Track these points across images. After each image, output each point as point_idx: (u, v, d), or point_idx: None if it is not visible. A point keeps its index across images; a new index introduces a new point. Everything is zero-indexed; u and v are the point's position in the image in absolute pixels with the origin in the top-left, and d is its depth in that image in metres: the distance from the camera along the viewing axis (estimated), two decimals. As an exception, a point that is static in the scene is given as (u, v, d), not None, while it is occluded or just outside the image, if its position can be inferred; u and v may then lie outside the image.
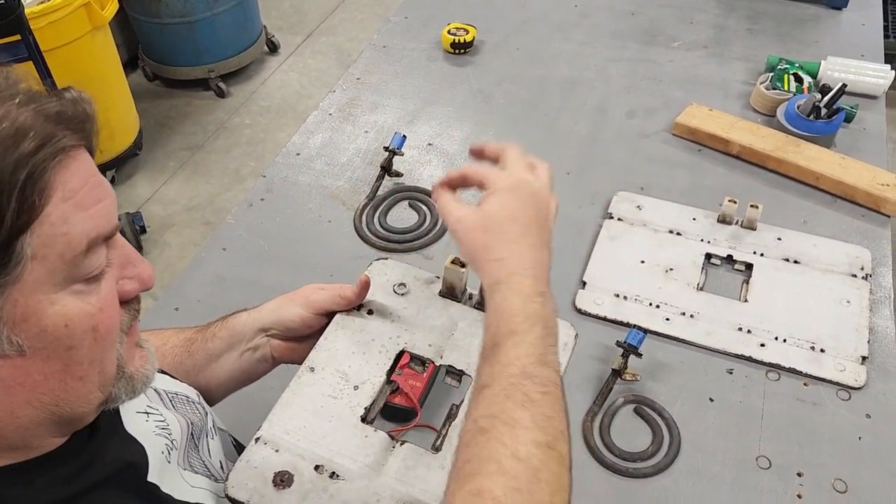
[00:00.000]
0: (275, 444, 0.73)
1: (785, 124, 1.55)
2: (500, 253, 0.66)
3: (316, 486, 0.70)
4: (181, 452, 0.68)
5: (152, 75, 3.52)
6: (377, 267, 0.91)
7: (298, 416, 0.75)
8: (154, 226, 2.87)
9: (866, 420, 1.11)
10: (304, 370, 0.79)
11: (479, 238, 0.67)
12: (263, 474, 0.70)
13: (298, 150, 1.59)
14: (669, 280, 1.29)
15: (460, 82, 1.77)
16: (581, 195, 1.47)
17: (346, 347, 0.81)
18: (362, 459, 0.72)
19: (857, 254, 1.32)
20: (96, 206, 0.50)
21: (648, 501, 1.03)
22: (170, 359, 0.85)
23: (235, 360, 0.86)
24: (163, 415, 0.67)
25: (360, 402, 0.77)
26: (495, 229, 0.67)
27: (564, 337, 0.83)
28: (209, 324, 0.88)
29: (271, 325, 0.84)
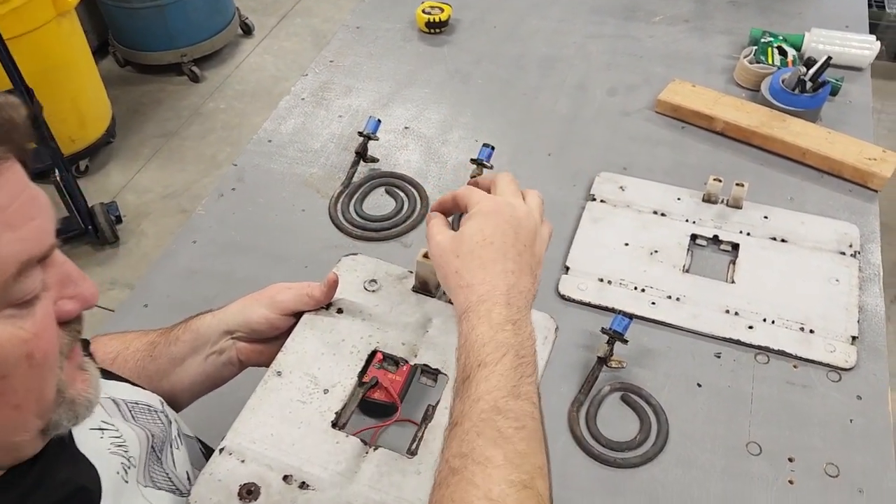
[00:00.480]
0: (240, 454, 0.69)
1: (769, 99, 1.51)
2: (471, 278, 0.64)
3: (284, 497, 0.66)
4: (141, 469, 0.63)
5: (124, 61, 3.44)
6: (346, 263, 0.87)
7: (265, 423, 0.71)
8: (130, 215, 2.81)
9: (857, 402, 1.09)
10: (271, 374, 0.75)
11: (452, 262, 0.65)
12: (228, 487, 0.67)
13: (270, 137, 1.54)
14: (654, 262, 1.25)
15: (436, 62, 1.72)
16: (562, 176, 1.43)
17: (315, 349, 0.78)
18: (333, 467, 0.69)
19: (846, 230, 1.29)
20: (28, 225, 0.46)
21: (637, 492, 1.00)
22: (132, 363, 0.81)
23: (200, 363, 0.82)
24: (119, 430, 0.63)
25: (331, 406, 0.73)
26: (467, 254, 0.65)
27: (544, 330, 0.81)
28: (172, 326, 0.84)
29: (236, 327, 0.81)
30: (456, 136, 1.53)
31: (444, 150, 1.50)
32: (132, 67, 3.46)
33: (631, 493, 1.00)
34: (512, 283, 0.64)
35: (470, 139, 1.52)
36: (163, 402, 0.74)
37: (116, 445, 0.61)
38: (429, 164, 1.47)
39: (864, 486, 1.00)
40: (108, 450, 0.60)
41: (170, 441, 0.72)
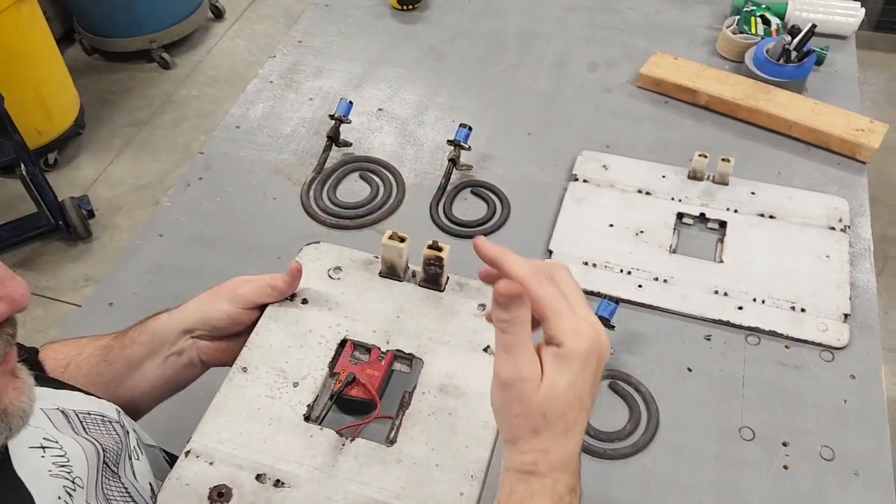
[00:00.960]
0: (208, 455, 0.66)
1: (754, 70, 1.47)
2: (550, 444, 0.53)
3: (258, 497, 0.63)
4: (91, 488, 0.58)
5: (90, 49, 3.33)
6: (309, 252, 0.83)
7: (233, 422, 0.68)
8: (102, 209, 2.73)
9: (851, 381, 1.06)
10: (236, 371, 0.72)
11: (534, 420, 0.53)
12: (197, 491, 0.63)
13: (238, 123, 1.48)
14: (640, 243, 1.21)
15: (410, 40, 1.66)
16: (543, 156, 1.38)
17: (281, 342, 0.74)
18: (309, 462, 0.66)
19: (835, 205, 1.25)
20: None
21: (628, 483, 0.97)
22: (86, 369, 0.76)
23: (159, 366, 0.77)
24: (62, 448, 0.57)
25: (302, 399, 0.70)
26: (556, 417, 0.52)
27: None
28: (127, 329, 0.78)
29: (196, 326, 0.76)
30: (432, 116, 1.48)
31: (420, 132, 1.44)
32: (100, 55, 3.36)
33: (622, 485, 0.96)
34: (580, 441, 0.55)
35: (446, 120, 1.46)
36: (119, 412, 0.69)
37: (59, 466, 0.56)
38: (404, 147, 1.41)
39: (859, 469, 0.97)
40: (48, 472, 0.55)
41: (127, 452, 0.67)
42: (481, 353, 0.74)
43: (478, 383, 0.71)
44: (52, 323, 2.38)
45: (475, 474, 0.65)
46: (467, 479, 0.65)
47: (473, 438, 0.67)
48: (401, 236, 0.77)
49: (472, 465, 0.66)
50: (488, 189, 1.32)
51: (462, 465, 0.66)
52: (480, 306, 0.77)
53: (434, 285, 0.79)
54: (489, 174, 1.35)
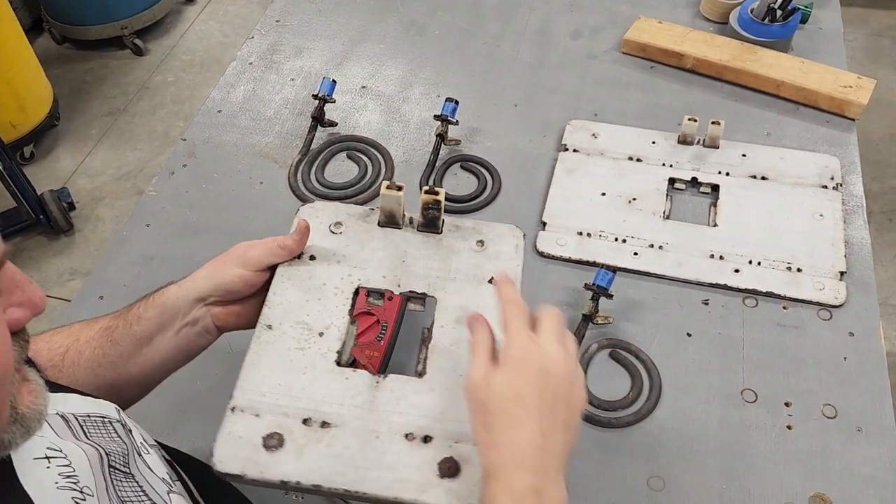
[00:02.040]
0: (253, 409, 0.70)
1: (739, 30, 1.45)
2: (499, 437, 0.59)
3: (310, 438, 0.68)
4: (103, 494, 0.57)
5: (61, 38, 3.26)
6: (307, 211, 0.86)
7: (270, 375, 0.72)
8: (83, 200, 2.69)
9: (850, 339, 1.06)
10: (262, 329, 0.75)
11: (481, 415, 0.61)
12: (251, 441, 0.67)
13: (219, 107, 1.44)
14: (633, 211, 1.20)
15: (389, 15, 1.63)
16: (531, 128, 1.37)
17: (299, 297, 0.78)
18: (350, 401, 0.70)
19: (826, 163, 1.25)
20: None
21: (634, 451, 0.97)
22: (88, 353, 0.75)
23: (172, 338, 0.77)
24: (67, 456, 0.56)
25: (330, 346, 0.75)
26: (497, 409, 0.60)
27: (513, 240, 0.84)
28: (129, 307, 0.78)
29: (209, 293, 0.77)
30: (417, 92, 1.45)
31: (406, 108, 1.42)
32: (70, 44, 3.29)
33: (627, 453, 0.96)
34: (539, 443, 0.59)
35: (432, 94, 1.44)
36: (118, 410, 0.68)
37: (65, 477, 0.54)
38: (391, 125, 1.39)
39: (862, 425, 0.98)
40: (55, 483, 0.53)
41: (135, 450, 0.65)
42: (486, 285, 0.80)
43: (490, 311, 0.74)
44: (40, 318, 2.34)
45: None
46: None
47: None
48: (398, 185, 0.81)
49: None
50: (478, 163, 1.30)
51: None
52: (478, 243, 0.83)
53: (432, 228, 0.84)
54: (478, 148, 1.34)
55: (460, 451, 0.67)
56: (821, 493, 0.92)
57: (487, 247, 0.83)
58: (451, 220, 0.85)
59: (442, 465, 0.66)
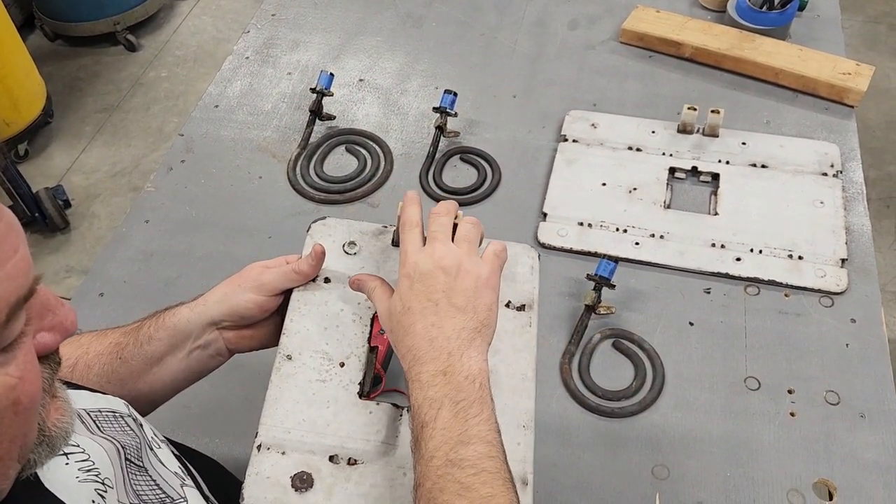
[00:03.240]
0: (279, 446, 0.68)
1: (737, 19, 1.45)
2: (401, 347, 0.66)
3: (338, 477, 0.67)
4: (121, 486, 0.57)
5: (53, 35, 3.24)
6: (318, 229, 0.83)
7: (293, 410, 0.70)
8: (78, 198, 2.68)
9: (852, 325, 1.06)
10: (282, 360, 0.73)
11: (390, 336, 0.68)
12: (280, 482, 0.66)
13: (216, 102, 1.44)
14: (634, 201, 1.20)
15: (386, 7, 1.62)
16: (530, 119, 1.36)
17: (317, 325, 0.75)
18: (374, 437, 0.69)
19: (826, 150, 1.25)
20: (13, 260, 0.40)
21: (638, 440, 0.97)
22: (97, 368, 0.75)
23: (182, 360, 0.76)
24: (85, 451, 0.55)
25: (352, 378, 0.73)
26: (396, 326, 0.67)
27: (529, 261, 0.80)
28: (139, 324, 0.77)
29: (222, 317, 0.76)
30: (415, 84, 1.45)
31: (404, 101, 1.42)
32: (63, 41, 3.26)
33: (632, 442, 0.96)
34: (434, 335, 0.64)
35: (430, 87, 1.44)
36: (128, 406, 0.68)
37: (85, 471, 0.54)
38: (389, 117, 1.39)
39: (865, 411, 0.98)
40: (76, 478, 0.53)
41: (147, 444, 0.65)
42: (504, 309, 0.76)
43: (509, 338, 0.74)
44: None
45: (526, 423, 0.70)
46: (520, 429, 0.69)
47: (516, 391, 0.71)
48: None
49: (522, 416, 0.70)
50: (477, 155, 1.30)
51: (512, 417, 0.69)
52: None
53: None
54: (477, 140, 1.33)
55: None
56: (825, 480, 0.92)
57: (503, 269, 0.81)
58: None
59: None
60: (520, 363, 0.73)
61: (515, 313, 0.76)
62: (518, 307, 0.77)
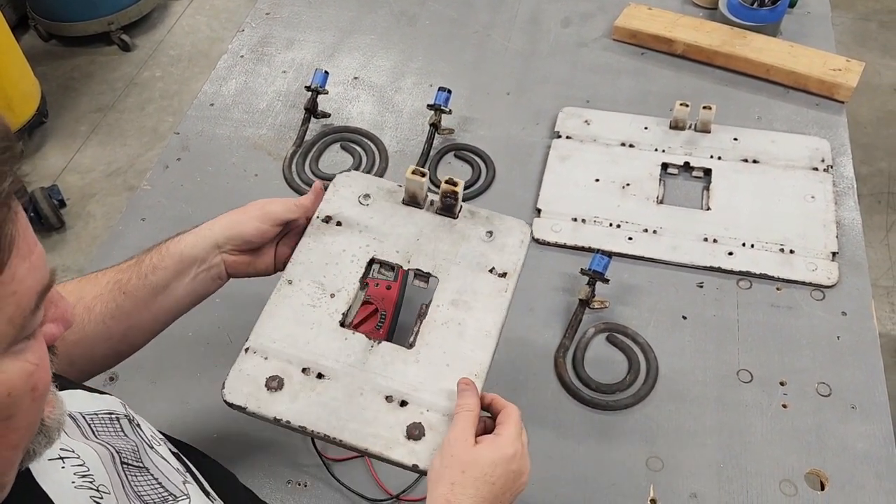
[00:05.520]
0: (263, 352, 0.79)
1: (728, 16, 1.46)
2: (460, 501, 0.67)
3: (305, 386, 0.77)
4: (120, 490, 0.57)
5: (47, 35, 3.23)
6: (342, 179, 0.92)
7: (282, 325, 0.81)
8: (74, 197, 2.67)
9: (843, 318, 1.07)
10: (283, 282, 0.84)
11: (453, 473, 0.68)
12: (256, 380, 0.77)
13: (212, 101, 1.44)
14: (627, 196, 1.21)
15: (379, 6, 1.63)
16: (524, 116, 1.37)
17: (320, 259, 0.85)
18: (344, 359, 0.79)
19: (817, 145, 1.26)
20: (36, 252, 0.42)
21: (632, 433, 0.98)
22: (99, 308, 0.78)
23: (188, 284, 0.82)
24: (80, 456, 0.56)
25: (338, 308, 0.82)
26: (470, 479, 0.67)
27: (520, 235, 0.88)
28: (138, 259, 0.81)
29: (227, 241, 0.82)
30: (409, 82, 1.46)
31: (399, 99, 1.43)
32: (57, 41, 3.26)
33: (626, 435, 0.97)
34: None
35: (424, 84, 1.44)
36: (124, 405, 0.68)
37: (81, 476, 0.55)
38: (384, 115, 1.40)
39: (856, 402, 0.99)
40: (72, 483, 0.53)
41: (146, 443, 0.66)
42: (486, 273, 0.85)
43: (484, 299, 0.83)
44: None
45: (479, 373, 0.78)
46: (472, 377, 0.77)
47: (477, 345, 0.80)
48: (422, 171, 0.87)
49: (476, 366, 0.78)
50: (472, 152, 1.31)
51: (468, 365, 0.78)
52: (488, 233, 0.88)
53: (449, 213, 0.89)
54: (471, 137, 1.34)
55: (429, 420, 0.75)
56: (816, 470, 0.93)
57: (495, 238, 0.87)
58: (469, 207, 0.90)
59: (410, 429, 0.74)
60: (486, 321, 0.81)
61: (496, 279, 0.84)
62: (500, 274, 0.85)
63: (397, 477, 0.93)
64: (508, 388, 1.02)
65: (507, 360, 1.05)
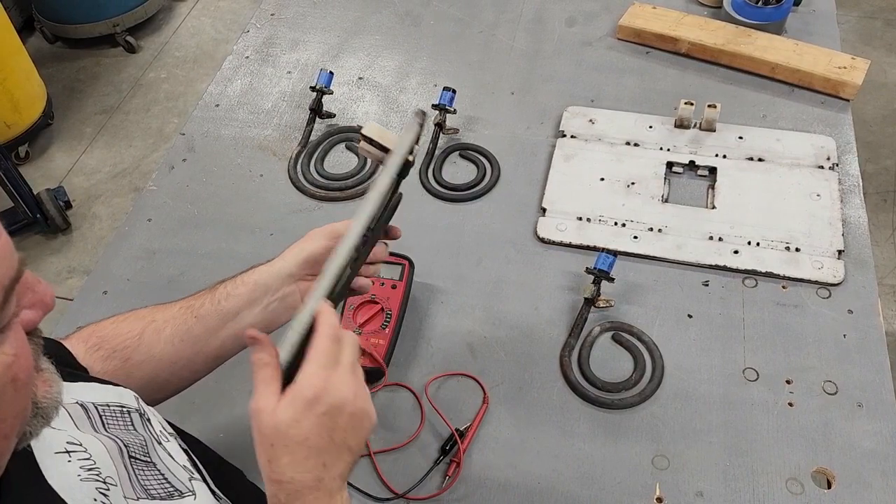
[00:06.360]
0: None
1: (733, 14, 1.46)
2: (281, 474, 0.60)
3: None
4: (126, 483, 0.58)
5: (52, 37, 3.25)
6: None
7: None
8: (79, 199, 2.69)
9: (849, 316, 1.07)
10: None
11: (266, 449, 0.60)
12: None
13: (217, 101, 1.45)
14: (632, 195, 1.21)
15: (384, 6, 1.63)
16: (528, 115, 1.37)
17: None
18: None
19: (822, 143, 1.26)
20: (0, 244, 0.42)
21: (638, 431, 0.98)
22: (169, 329, 0.80)
23: (259, 313, 0.82)
24: (87, 450, 0.57)
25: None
26: (281, 447, 0.60)
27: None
28: (213, 287, 0.84)
29: (299, 268, 0.83)
30: (414, 82, 1.46)
31: (403, 98, 1.43)
32: (62, 43, 3.28)
33: (632, 434, 0.97)
34: (322, 476, 0.61)
35: (428, 84, 1.45)
36: (137, 398, 0.69)
37: (87, 470, 0.55)
38: (388, 115, 1.40)
39: (863, 400, 0.99)
40: (77, 476, 0.54)
41: (154, 438, 0.66)
42: None
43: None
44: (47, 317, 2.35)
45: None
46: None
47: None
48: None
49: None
50: (476, 151, 1.31)
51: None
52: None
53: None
54: (476, 136, 1.34)
55: None
56: (823, 468, 0.93)
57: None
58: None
59: None
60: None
61: None
62: None
63: (403, 475, 0.94)
64: (513, 387, 1.02)
65: (513, 358, 1.05)
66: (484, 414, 0.99)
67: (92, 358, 0.79)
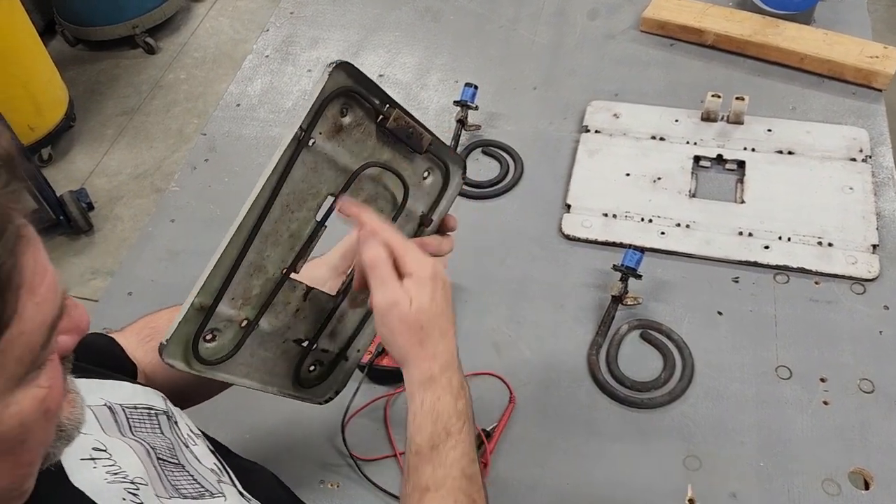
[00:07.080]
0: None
1: (760, 4, 1.43)
2: (434, 348, 0.67)
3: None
4: (157, 483, 0.57)
5: (74, 40, 3.27)
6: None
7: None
8: (101, 200, 2.70)
9: (885, 312, 1.04)
10: None
11: (417, 333, 0.67)
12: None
13: (238, 101, 1.44)
14: (659, 190, 1.19)
15: (404, 3, 1.62)
16: (552, 110, 1.36)
17: None
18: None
19: (854, 135, 1.23)
20: (45, 284, 0.39)
21: (669, 431, 0.96)
22: None
23: None
24: (112, 456, 0.56)
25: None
26: (429, 324, 0.67)
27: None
28: None
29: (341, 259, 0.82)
30: (434, 78, 1.44)
31: (424, 95, 1.41)
32: (83, 45, 3.29)
33: (663, 434, 0.96)
34: (456, 346, 0.69)
35: (450, 81, 1.43)
36: (165, 399, 0.68)
37: (113, 474, 0.54)
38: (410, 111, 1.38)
39: (900, 399, 0.96)
40: (104, 479, 0.53)
41: (182, 441, 0.66)
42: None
43: None
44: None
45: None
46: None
47: None
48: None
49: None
50: (499, 148, 1.30)
51: None
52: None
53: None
54: (498, 132, 1.33)
55: None
56: (860, 469, 0.91)
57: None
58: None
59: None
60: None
61: None
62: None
63: (430, 477, 0.92)
64: (541, 386, 1.00)
65: (539, 358, 1.03)
66: (511, 414, 0.98)
67: (143, 350, 0.79)
